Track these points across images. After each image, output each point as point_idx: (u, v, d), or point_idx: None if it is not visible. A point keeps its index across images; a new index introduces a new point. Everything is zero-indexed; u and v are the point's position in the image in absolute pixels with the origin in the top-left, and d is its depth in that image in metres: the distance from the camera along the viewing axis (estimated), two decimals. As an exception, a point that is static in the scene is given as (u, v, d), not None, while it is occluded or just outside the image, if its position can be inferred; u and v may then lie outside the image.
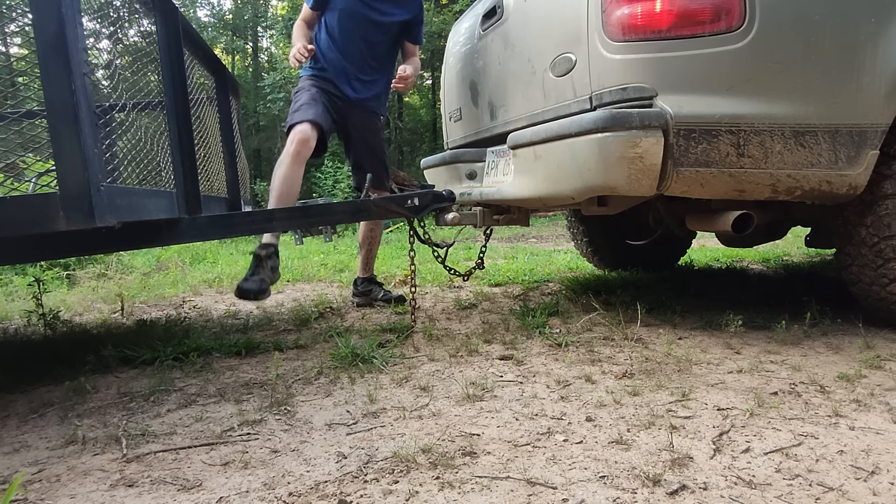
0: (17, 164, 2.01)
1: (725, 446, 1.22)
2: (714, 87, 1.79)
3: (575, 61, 1.94)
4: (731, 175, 1.82)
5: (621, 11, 1.80)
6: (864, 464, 1.13)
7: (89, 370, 2.00)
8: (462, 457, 1.22)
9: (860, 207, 1.97)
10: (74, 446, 1.38)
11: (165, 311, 3.12)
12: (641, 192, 1.84)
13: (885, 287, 1.96)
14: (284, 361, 2.04)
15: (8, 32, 2.53)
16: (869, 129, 1.84)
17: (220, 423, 1.48)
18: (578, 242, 3.71)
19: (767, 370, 1.71)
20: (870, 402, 1.42)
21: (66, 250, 2.42)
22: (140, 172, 1.83)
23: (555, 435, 1.31)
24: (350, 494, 1.09)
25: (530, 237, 7.63)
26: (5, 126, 2.02)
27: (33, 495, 1.15)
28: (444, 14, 14.96)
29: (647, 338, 2.12)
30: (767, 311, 2.34)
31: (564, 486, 1.08)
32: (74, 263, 4.69)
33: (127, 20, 1.97)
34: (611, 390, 1.57)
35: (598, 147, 1.79)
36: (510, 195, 2.31)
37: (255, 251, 2.39)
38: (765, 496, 1.02)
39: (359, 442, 1.33)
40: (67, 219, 1.36)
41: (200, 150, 2.35)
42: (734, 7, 1.75)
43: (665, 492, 1.04)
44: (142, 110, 1.95)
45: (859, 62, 1.81)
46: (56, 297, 3.61)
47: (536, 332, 2.24)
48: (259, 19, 20.99)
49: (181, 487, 1.15)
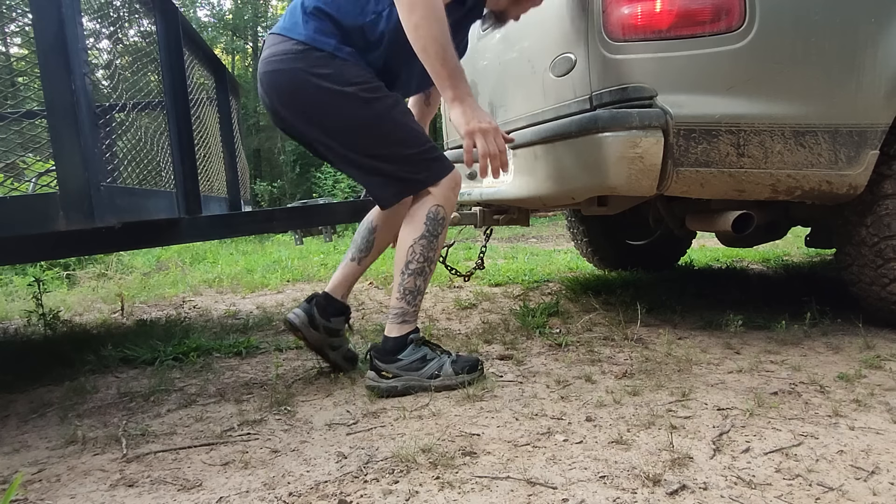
0: (17, 164, 2.01)
1: (725, 446, 1.22)
2: (714, 87, 1.79)
3: (575, 61, 1.94)
4: (731, 175, 1.82)
5: (621, 11, 1.80)
6: (864, 464, 1.12)
7: (89, 370, 2.00)
8: (462, 457, 1.22)
9: (860, 207, 1.97)
10: (74, 446, 1.38)
11: (165, 311, 3.12)
12: (641, 192, 1.84)
13: (886, 287, 1.96)
14: (284, 361, 2.04)
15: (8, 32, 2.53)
16: (869, 129, 1.84)
17: (220, 423, 1.48)
18: (578, 242, 3.71)
19: (767, 370, 1.71)
20: (870, 402, 1.42)
21: (66, 250, 2.42)
22: (140, 172, 1.84)
23: (555, 435, 1.31)
24: (350, 494, 1.09)
25: (530, 237, 7.63)
26: (5, 126, 2.02)
27: (33, 495, 1.15)
28: (444, 14, 14.95)
29: (647, 338, 2.12)
30: (767, 311, 2.34)
31: (564, 486, 1.08)
32: (74, 263, 4.69)
33: (127, 20, 1.97)
34: (611, 390, 1.57)
35: (598, 147, 1.79)
36: (510, 195, 2.31)
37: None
38: (765, 496, 1.02)
39: (359, 442, 1.33)
40: (67, 219, 1.36)
41: (200, 150, 2.35)
42: (734, 7, 1.75)
43: (665, 492, 1.04)
44: (142, 110, 1.95)
45: (859, 62, 1.81)
46: (56, 297, 3.61)
47: (536, 332, 2.24)
48: (259, 19, 21.00)
49: (181, 487, 1.15)
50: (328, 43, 1.60)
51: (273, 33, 1.69)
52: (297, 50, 1.60)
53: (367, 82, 1.62)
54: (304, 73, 1.59)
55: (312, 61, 1.59)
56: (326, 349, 1.80)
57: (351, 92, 1.59)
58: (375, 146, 1.64)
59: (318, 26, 1.60)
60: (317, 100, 1.61)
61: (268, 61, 1.66)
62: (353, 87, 1.59)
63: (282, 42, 1.63)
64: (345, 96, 1.59)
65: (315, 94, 1.60)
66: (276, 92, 1.65)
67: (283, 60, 1.62)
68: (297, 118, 1.67)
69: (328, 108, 1.61)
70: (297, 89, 1.61)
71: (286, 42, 1.62)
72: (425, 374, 1.64)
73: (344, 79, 1.59)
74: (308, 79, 1.59)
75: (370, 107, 1.61)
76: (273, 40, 1.67)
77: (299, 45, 1.60)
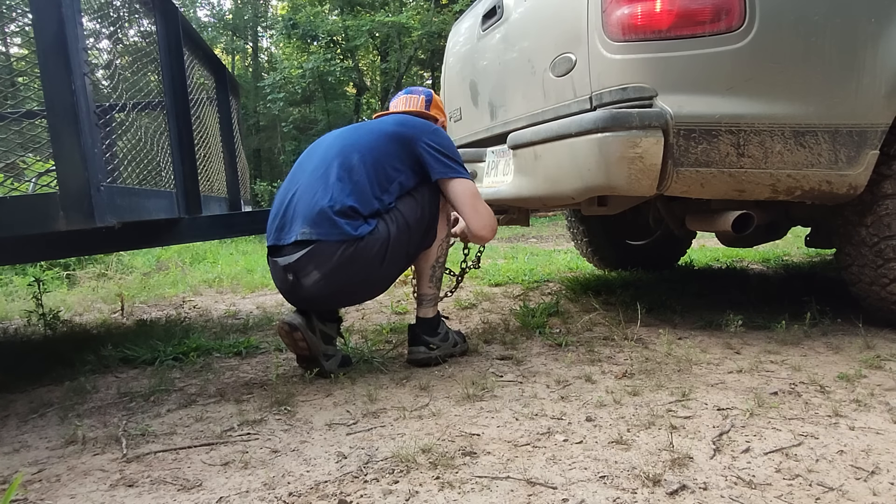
0: (17, 164, 2.01)
1: (725, 446, 1.22)
2: (714, 87, 1.79)
3: (575, 61, 1.94)
4: (731, 175, 1.82)
5: (621, 11, 1.80)
6: (864, 464, 1.12)
7: (89, 370, 2.00)
8: (462, 457, 1.22)
9: (860, 207, 1.97)
10: (74, 446, 1.38)
11: (165, 311, 3.12)
12: (641, 192, 1.84)
13: (886, 287, 1.96)
14: (284, 361, 2.04)
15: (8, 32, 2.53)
16: (869, 129, 1.84)
17: (220, 423, 1.48)
18: (578, 242, 3.71)
19: (767, 370, 1.71)
20: (870, 402, 1.42)
21: (66, 250, 2.42)
22: (140, 172, 1.84)
23: (555, 435, 1.31)
24: (350, 494, 1.09)
25: (530, 237, 7.63)
26: (5, 126, 2.02)
27: (33, 495, 1.15)
28: (444, 14, 14.95)
29: (647, 338, 2.12)
30: (767, 311, 2.34)
31: (564, 486, 1.08)
32: (74, 263, 4.69)
33: (127, 20, 1.97)
34: (611, 390, 1.57)
35: (598, 147, 1.79)
36: (510, 195, 2.31)
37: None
38: (765, 496, 1.02)
39: (359, 442, 1.33)
40: (67, 219, 1.36)
41: (200, 150, 2.35)
42: (734, 7, 1.75)
43: (665, 492, 1.04)
44: (142, 110, 1.95)
45: (859, 62, 1.81)
46: (56, 297, 3.61)
47: (536, 332, 2.24)
48: (259, 19, 20.98)
49: (181, 487, 1.15)
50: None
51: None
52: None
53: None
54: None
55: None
56: (321, 357, 1.79)
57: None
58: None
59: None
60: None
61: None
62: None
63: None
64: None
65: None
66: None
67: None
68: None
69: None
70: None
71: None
72: (450, 343, 1.96)
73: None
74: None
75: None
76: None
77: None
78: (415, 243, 1.83)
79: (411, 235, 1.79)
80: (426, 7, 15.87)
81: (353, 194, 1.71)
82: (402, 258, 1.81)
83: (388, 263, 1.76)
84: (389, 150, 1.79)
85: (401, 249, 1.78)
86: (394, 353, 2.07)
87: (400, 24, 14.78)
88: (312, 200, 1.72)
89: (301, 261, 1.69)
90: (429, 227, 1.86)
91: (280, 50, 19.58)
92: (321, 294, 1.73)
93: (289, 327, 1.73)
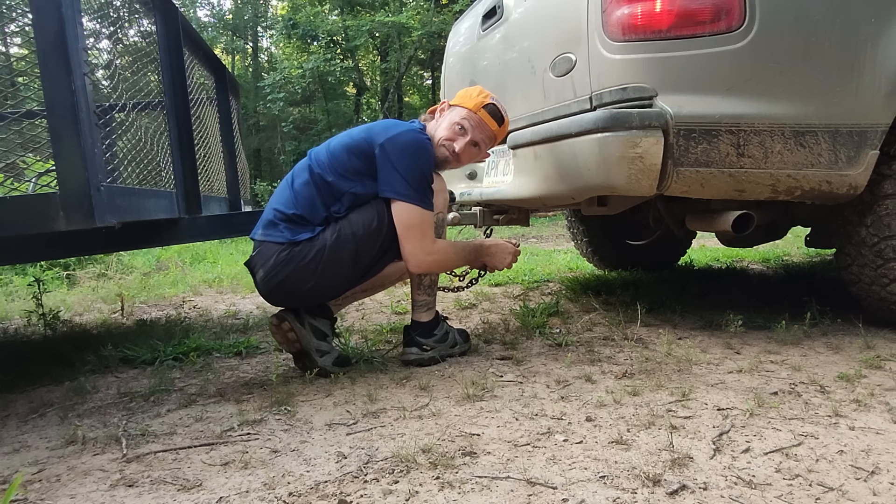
0: (17, 164, 2.01)
1: (725, 446, 1.22)
2: (714, 87, 1.79)
3: (575, 61, 1.94)
4: (731, 175, 1.82)
5: (621, 11, 1.80)
6: (864, 464, 1.12)
7: (89, 370, 2.00)
8: (462, 457, 1.22)
9: (860, 207, 1.97)
10: (74, 446, 1.38)
11: (165, 311, 3.12)
12: (641, 192, 1.84)
13: (886, 287, 1.96)
14: (284, 361, 2.04)
15: (8, 32, 2.53)
16: (869, 129, 1.84)
17: (220, 423, 1.48)
18: (578, 242, 3.71)
19: (767, 370, 1.71)
20: (870, 402, 1.42)
21: (66, 250, 2.42)
22: (140, 172, 1.84)
23: (555, 435, 1.31)
24: (350, 494, 1.09)
25: (530, 237, 7.63)
26: (5, 126, 2.02)
27: (33, 495, 1.15)
28: (444, 14, 14.96)
29: (647, 338, 2.12)
30: (767, 311, 2.34)
31: (564, 486, 1.08)
32: (74, 263, 4.69)
33: (127, 20, 1.97)
34: (611, 390, 1.57)
35: (598, 147, 1.79)
36: (510, 195, 2.31)
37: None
38: (765, 496, 1.02)
39: (359, 442, 1.33)
40: (67, 219, 1.36)
41: (200, 150, 2.35)
42: (734, 7, 1.75)
43: (665, 492, 1.04)
44: (142, 110, 1.95)
45: (859, 62, 1.81)
46: (56, 297, 3.61)
47: (536, 332, 2.24)
48: (259, 19, 20.98)
49: (181, 487, 1.15)
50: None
51: None
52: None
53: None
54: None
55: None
56: (314, 352, 1.82)
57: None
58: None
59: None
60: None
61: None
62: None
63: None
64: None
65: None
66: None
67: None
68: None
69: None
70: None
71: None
72: (449, 343, 1.98)
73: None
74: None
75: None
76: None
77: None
78: (369, 252, 1.81)
79: (359, 245, 1.79)
80: (426, 7, 15.87)
81: (303, 203, 1.80)
82: (348, 266, 1.80)
83: (327, 269, 1.77)
84: (343, 159, 1.82)
85: (343, 257, 1.78)
86: (394, 353, 2.07)
87: (400, 24, 14.78)
88: (272, 205, 1.86)
89: (252, 258, 1.85)
90: (392, 236, 1.81)
91: (280, 50, 19.58)
92: (268, 291, 1.83)
93: (277, 319, 1.84)
